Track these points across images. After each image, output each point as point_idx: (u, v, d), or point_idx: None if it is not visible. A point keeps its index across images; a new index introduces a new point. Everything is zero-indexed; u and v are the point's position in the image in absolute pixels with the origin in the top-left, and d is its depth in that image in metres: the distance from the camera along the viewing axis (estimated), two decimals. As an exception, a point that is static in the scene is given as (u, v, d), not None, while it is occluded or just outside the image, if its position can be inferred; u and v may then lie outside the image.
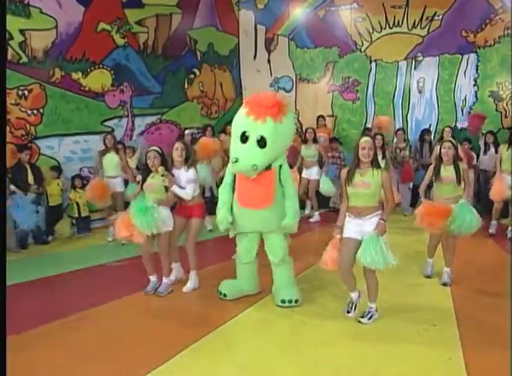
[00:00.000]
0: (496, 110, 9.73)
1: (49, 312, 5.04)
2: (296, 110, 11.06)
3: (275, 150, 4.84)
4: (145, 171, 5.44)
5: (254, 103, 4.79)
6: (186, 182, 5.37)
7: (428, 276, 5.76)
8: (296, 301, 5.03)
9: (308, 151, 8.75)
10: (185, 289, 5.53)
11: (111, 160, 7.52)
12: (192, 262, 5.60)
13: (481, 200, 8.92)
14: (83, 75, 8.43)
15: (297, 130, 10.90)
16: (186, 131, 8.94)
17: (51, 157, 8.09)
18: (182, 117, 10.24)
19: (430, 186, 5.72)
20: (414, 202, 9.61)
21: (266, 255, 5.23)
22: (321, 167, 8.92)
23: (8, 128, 7.41)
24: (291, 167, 6.05)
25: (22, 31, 7.56)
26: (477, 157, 9.03)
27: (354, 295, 4.73)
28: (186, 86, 10.41)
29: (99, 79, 8.68)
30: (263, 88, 11.41)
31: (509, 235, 7.63)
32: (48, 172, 7.92)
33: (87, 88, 8.53)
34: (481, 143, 9.07)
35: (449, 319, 4.73)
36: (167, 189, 5.30)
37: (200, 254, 5.70)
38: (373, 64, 10.66)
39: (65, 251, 7.55)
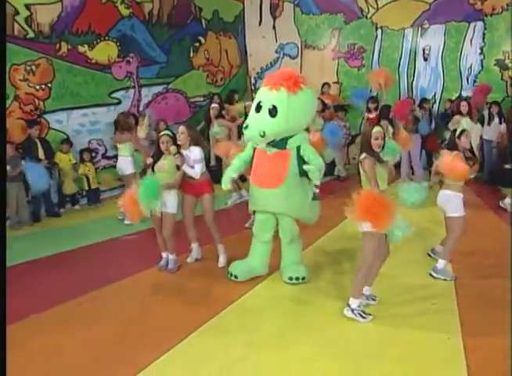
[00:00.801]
0: (502, 79, 9.74)
1: (66, 290, 5.25)
2: (301, 76, 11.11)
3: (288, 122, 4.86)
4: (156, 153, 5.60)
5: (272, 76, 4.95)
6: (193, 161, 5.53)
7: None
8: (303, 279, 5.27)
9: (317, 120, 8.82)
10: (220, 264, 5.81)
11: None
12: (217, 236, 5.84)
13: (485, 170, 9.10)
14: (89, 48, 8.46)
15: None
16: (212, 105, 9.00)
17: (60, 131, 8.21)
18: (188, 86, 10.32)
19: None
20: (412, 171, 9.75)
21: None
22: None
23: (17, 104, 7.55)
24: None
25: (27, 6, 7.54)
26: (482, 126, 9.10)
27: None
28: (192, 54, 10.42)
29: (105, 51, 8.71)
30: (268, 55, 11.46)
31: (506, 207, 7.77)
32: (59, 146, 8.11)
33: (93, 61, 8.56)
34: (486, 114, 9.13)
35: (449, 297, 4.95)
36: (178, 168, 5.46)
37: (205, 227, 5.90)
38: (379, 31, 10.65)
39: (77, 223, 7.77)
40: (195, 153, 5.56)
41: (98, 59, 8.61)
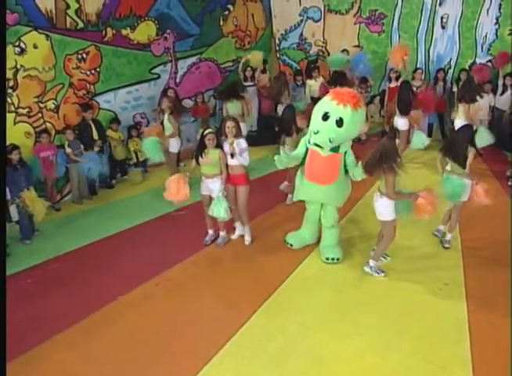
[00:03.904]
0: (515, 48, 10.24)
1: (141, 271, 6.27)
2: (324, 39, 11.67)
3: (348, 133, 5.84)
4: (199, 147, 6.46)
5: (339, 92, 5.82)
6: (240, 151, 6.37)
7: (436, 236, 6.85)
8: (338, 259, 6.36)
9: None
10: (246, 242, 6.89)
11: (167, 122, 8.45)
12: (245, 220, 6.85)
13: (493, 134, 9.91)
14: (131, 30, 9.07)
15: (325, 58, 11.66)
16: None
17: (109, 110, 9.01)
18: (219, 54, 10.97)
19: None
20: (430, 133, 10.54)
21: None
22: None
23: (71, 91, 8.31)
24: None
25: (77, -1, 8.13)
26: (494, 95, 9.80)
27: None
28: (222, 23, 10.96)
29: (145, 31, 9.32)
30: (292, 17, 11.92)
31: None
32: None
33: (135, 42, 9.20)
34: (500, 84, 9.80)
35: (458, 277, 5.99)
36: (227, 165, 6.42)
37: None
38: (400, -2, 11.03)
39: (130, 196, 8.71)
40: (241, 143, 6.41)
41: (139, 39, 9.25)
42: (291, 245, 6.69)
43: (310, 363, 4.74)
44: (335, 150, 5.95)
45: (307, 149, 6.20)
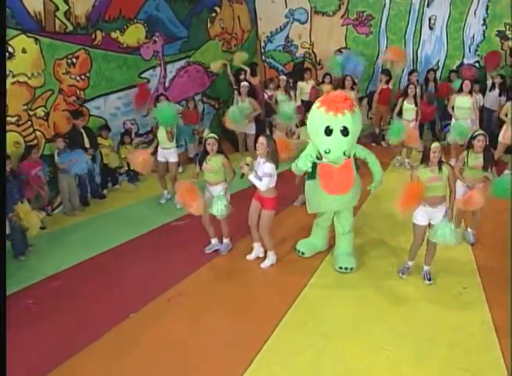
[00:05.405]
0: (502, 49, 10.38)
1: (149, 286, 6.01)
2: (310, 41, 11.56)
3: (355, 137, 5.69)
4: (202, 153, 6.30)
5: (330, 101, 5.56)
6: (262, 174, 5.88)
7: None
8: (351, 269, 6.20)
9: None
10: (263, 265, 6.37)
11: (163, 134, 8.00)
12: (269, 245, 6.36)
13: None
14: (120, 33, 8.71)
15: (311, 60, 11.53)
16: (242, 84, 9.54)
17: (98, 117, 8.63)
18: (206, 56, 10.65)
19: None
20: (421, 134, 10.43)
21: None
22: None
23: (61, 97, 7.91)
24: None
25: (66, 0, 7.72)
26: (484, 95, 9.86)
27: (411, 263, 6.04)
28: (209, 26, 10.68)
29: (134, 34, 8.97)
30: (278, 19, 11.76)
31: None
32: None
33: (125, 45, 8.83)
34: (489, 83, 9.89)
35: (475, 278, 6.00)
36: (242, 176, 6.05)
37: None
38: (387, 0, 11.00)
39: (124, 207, 8.31)
40: (266, 166, 5.85)
41: (128, 42, 8.88)
42: (303, 253, 6.52)
43: (344, 377, 4.59)
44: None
45: (314, 164, 5.97)
